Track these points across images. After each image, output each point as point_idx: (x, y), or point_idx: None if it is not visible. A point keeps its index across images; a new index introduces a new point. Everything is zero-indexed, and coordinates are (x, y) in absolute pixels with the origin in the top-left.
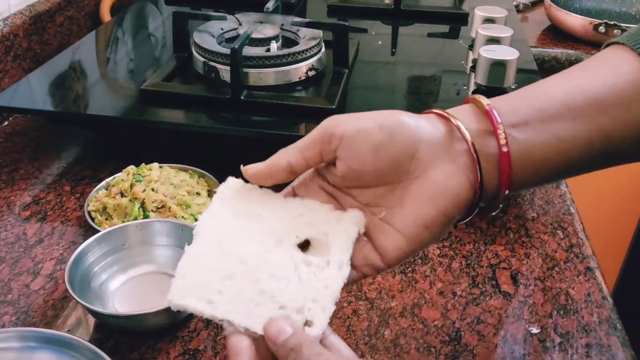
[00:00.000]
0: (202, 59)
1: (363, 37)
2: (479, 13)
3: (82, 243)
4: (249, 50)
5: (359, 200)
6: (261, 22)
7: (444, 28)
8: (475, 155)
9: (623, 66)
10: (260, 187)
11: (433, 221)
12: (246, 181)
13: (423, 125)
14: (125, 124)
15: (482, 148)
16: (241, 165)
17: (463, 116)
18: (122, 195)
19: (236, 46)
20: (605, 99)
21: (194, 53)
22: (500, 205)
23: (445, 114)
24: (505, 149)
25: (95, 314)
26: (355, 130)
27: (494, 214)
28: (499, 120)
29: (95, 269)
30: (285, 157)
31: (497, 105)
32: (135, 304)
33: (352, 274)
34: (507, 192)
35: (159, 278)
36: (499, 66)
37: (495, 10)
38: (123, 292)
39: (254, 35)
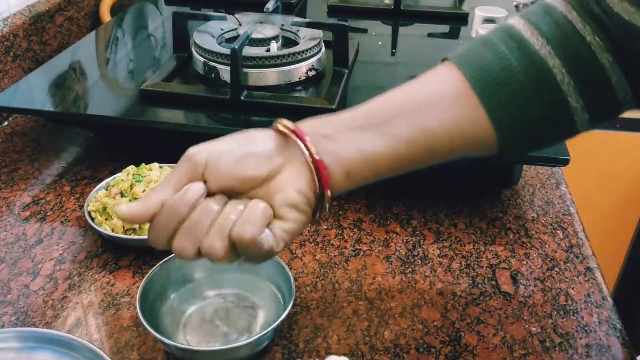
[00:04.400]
0: (202, 59)
1: (363, 37)
2: (479, 13)
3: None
4: (249, 50)
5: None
6: (261, 22)
7: (444, 28)
8: (310, 164)
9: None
10: None
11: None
12: None
13: (270, 137)
14: (125, 124)
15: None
16: (114, 206)
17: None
18: (122, 195)
19: (236, 46)
20: (425, 101)
21: (194, 53)
22: (327, 205)
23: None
24: (317, 157)
25: (168, 346)
26: (217, 152)
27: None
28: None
29: (165, 293)
30: (158, 195)
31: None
32: (205, 334)
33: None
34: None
35: (227, 306)
36: None
37: (495, 10)
38: (193, 321)
39: (254, 35)
